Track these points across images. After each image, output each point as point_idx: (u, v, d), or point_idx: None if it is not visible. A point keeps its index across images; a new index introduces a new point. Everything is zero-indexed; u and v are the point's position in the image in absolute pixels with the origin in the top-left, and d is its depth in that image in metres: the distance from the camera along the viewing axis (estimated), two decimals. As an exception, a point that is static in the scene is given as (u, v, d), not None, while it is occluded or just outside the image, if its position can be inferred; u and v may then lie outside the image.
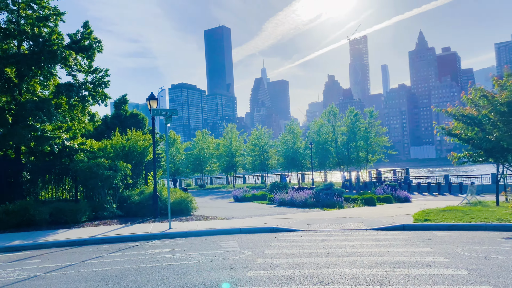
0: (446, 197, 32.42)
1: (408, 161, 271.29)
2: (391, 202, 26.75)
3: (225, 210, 23.48)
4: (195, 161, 63.71)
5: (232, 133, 60.74)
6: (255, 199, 30.51)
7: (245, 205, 27.12)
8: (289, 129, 56.69)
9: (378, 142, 52.51)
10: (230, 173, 61.84)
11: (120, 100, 50.88)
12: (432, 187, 38.70)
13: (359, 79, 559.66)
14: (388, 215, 17.63)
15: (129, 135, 23.08)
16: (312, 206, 23.10)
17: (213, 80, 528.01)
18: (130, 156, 22.19)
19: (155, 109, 15.32)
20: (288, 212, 20.14)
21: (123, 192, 20.46)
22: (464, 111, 16.33)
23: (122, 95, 50.88)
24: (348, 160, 52.08)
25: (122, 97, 50.72)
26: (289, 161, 54.66)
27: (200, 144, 64.26)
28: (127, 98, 51.12)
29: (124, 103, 50.88)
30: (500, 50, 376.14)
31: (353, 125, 52.27)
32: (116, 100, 51.10)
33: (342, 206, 22.57)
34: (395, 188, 29.68)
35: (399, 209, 20.91)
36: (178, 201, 19.63)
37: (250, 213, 20.31)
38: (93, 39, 22.10)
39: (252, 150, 58.28)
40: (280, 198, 25.69)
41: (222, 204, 29.30)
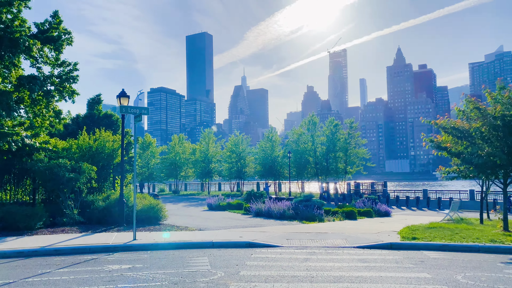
0: (425, 212, 31.81)
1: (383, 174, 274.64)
2: (372, 216, 25.87)
3: (198, 219, 21.99)
4: (170, 166, 61.77)
5: (209, 139, 59.18)
6: (230, 208, 29.11)
7: (219, 214, 25.68)
8: (268, 137, 55.53)
9: (357, 154, 51.99)
10: (205, 179, 60.15)
11: (94, 99, 48.64)
12: (410, 202, 38.17)
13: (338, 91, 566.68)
14: (372, 231, 16.55)
15: (97, 135, 21.36)
16: (291, 218, 21.87)
17: (193, 85, 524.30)
18: (97, 157, 20.47)
19: (124, 106, 13.83)
20: (265, 224, 18.83)
21: (86, 197, 18.74)
22: (454, 123, 15.49)
23: (96, 94, 48.67)
24: (327, 171, 51.26)
25: (96, 96, 48.50)
26: (266, 170, 53.43)
27: (176, 148, 62.39)
28: (101, 98, 48.89)
29: (98, 103, 48.64)
30: (473, 70, 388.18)
31: (332, 136, 51.57)
32: (90, 100, 48.84)
33: (322, 219, 21.42)
34: (375, 202, 28.86)
35: (381, 224, 19.93)
36: (147, 209, 18.04)
37: (224, 224, 18.90)
38: (62, 30, 20.38)
39: (229, 156, 56.81)
40: (257, 208, 24.37)
41: (195, 212, 27.75)
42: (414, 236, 14.09)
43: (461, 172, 15.70)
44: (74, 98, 21.34)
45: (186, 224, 18.87)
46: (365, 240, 13.89)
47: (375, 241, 13.63)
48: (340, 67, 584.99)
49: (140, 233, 14.88)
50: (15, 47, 17.62)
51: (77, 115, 47.07)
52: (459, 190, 38.74)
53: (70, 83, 20.71)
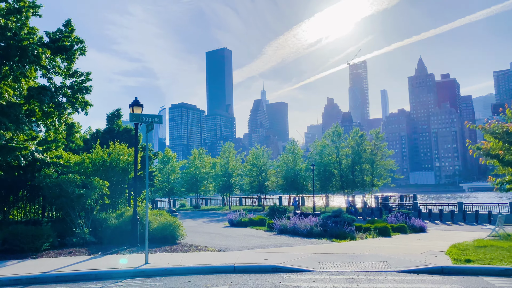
0: (463, 227, 29.38)
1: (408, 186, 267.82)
2: (406, 232, 23.83)
3: (218, 237, 20.40)
4: (190, 181, 60.59)
5: (229, 152, 57.82)
6: (253, 225, 27.42)
7: (241, 231, 24.03)
8: (290, 149, 53.70)
9: (384, 166, 49.60)
10: (226, 194, 58.64)
11: (114, 114, 48.10)
12: (444, 215, 35.65)
13: (359, 103, 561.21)
14: (413, 250, 14.61)
15: (111, 147, 20.16)
16: (319, 235, 20.05)
17: (213, 100, 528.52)
18: (111, 172, 19.23)
19: (134, 114, 12.50)
20: (292, 243, 17.08)
21: (98, 215, 17.44)
22: (507, 127, 13.57)
23: (116, 109, 48.09)
24: (353, 184, 48.96)
25: (115, 111, 47.95)
26: (288, 183, 51.48)
27: (196, 162, 61.25)
28: (121, 112, 48.25)
29: (118, 117, 48.05)
30: (499, 78, 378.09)
31: (358, 147, 49.37)
32: (109, 114, 48.44)
33: (354, 237, 19.51)
34: (409, 216, 26.67)
35: (420, 242, 17.92)
36: (162, 227, 16.58)
37: (246, 243, 17.25)
38: (74, 39, 19.48)
39: (250, 170, 55.20)
40: (281, 224, 22.63)
41: (215, 229, 26.18)
42: (468, 258, 12.12)
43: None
44: (88, 109, 20.28)
45: (205, 243, 17.32)
46: (409, 262, 12.00)
47: (422, 264, 11.73)
48: (360, 79, 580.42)
49: (153, 255, 13.39)
50: (23, 56, 16.67)
51: (97, 130, 46.56)
52: (498, 202, 36.03)
53: (83, 93, 19.67)
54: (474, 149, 15.05)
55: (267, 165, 55.53)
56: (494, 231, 20.54)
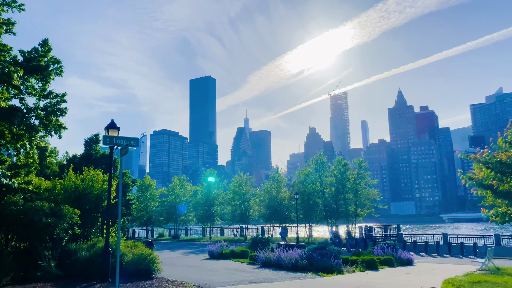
0: (450, 260, 28.73)
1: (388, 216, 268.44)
2: (393, 265, 23.03)
3: (198, 271, 19.15)
4: (170, 209, 58.72)
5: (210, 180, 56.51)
6: (234, 257, 26.16)
7: (222, 264, 22.78)
8: (273, 177, 52.79)
9: (367, 195, 49.12)
10: (207, 224, 56.87)
11: (92, 139, 46.71)
12: (430, 247, 35.04)
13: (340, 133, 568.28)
14: (406, 286, 13.75)
15: (85, 173, 18.95)
16: (304, 269, 19.02)
17: (196, 127, 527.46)
18: (83, 199, 17.98)
19: (108, 136, 11.53)
20: (276, 278, 16.01)
21: (68, 245, 16.07)
22: (500, 157, 13.12)
23: (94, 134, 46.72)
24: (337, 213, 48.17)
25: (93, 136, 46.61)
26: (272, 212, 50.28)
27: (176, 190, 59.59)
28: (99, 137, 46.85)
29: (96, 142, 46.66)
30: (475, 111, 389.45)
31: (341, 176, 48.91)
32: (87, 139, 47.00)
33: (341, 270, 18.55)
34: (395, 249, 25.92)
35: (410, 277, 17.08)
36: (137, 260, 15.33)
37: (228, 278, 16.09)
38: (51, 59, 18.62)
39: (232, 198, 53.85)
40: (265, 257, 21.51)
41: (195, 261, 24.82)
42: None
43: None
44: (62, 132, 19.17)
45: (183, 277, 16.08)
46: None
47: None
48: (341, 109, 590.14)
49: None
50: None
51: (74, 156, 44.92)
52: (483, 234, 35.66)
53: (57, 115, 18.61)
54: (466, 179, 14.52)
55: (250, 193, 54.36)
56: (484, 264, 19.87)
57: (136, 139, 11.62)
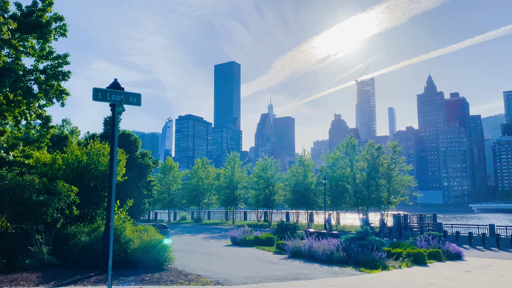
0: (500, 254, 25.46)
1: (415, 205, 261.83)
2: (442, 259, 19.99)
3: (218, 260, 16.64)
4: (192, 192, 56.77)
5: (234, 163, 54.00)
6: (259, 244, 23.63)
7: (245, 252, 20.25)
8: (300, 161, 49.70)
9: (401, 182, 45.56)
10: (230, 207, 54.66)
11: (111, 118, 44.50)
12: (474, 239, 31.59)
13: (365, 120, 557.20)
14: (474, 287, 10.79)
15: (90, 146, 16.56)
16: (341, 262, 16.23)
17: (220, 113, 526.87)
18: (87, 176, 15.63)
19: (98, 90, 8.79)
20: (311, 274, 13.27)
21: (66, 229, 13.76)
22: None
23: (114, 112, 44.54)
24: (368, 200, 44.89)
25: (113, 115, 44.42)
26: (297, 198, 47.41)
27: (199, 173, 57.50)
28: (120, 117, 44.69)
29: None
30: (509, 99, 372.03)
31: (374, 160, 45.40)
32: (106, 118, 45.20)
33: (386, 266, 15.65)
34: (442, 240, 22.74)
35: (474, 277, 14.03)
36: (144, 248, 12.87)
37: (252, 272, 13.47)
38: (53, 16, 16.18)
39: (256, 182, 51.28)
40: (294, 246, 18.81)
41: (215, 248, 22.39)
42: None
43: None
44: (65, 100, 16.83)
45: (199, 269, 13.57)
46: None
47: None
48: (367, 96, 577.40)
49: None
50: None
51: (93, 135, 43.20)
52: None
53: (59, 80, 16.26)
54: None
55: (275, 177, 51.61)
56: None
57: (137, 95, 9.00)
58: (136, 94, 8.97)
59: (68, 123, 48.60)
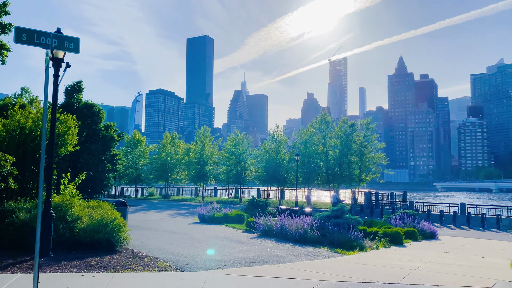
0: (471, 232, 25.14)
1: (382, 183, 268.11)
2: (417, 238, 19.28)
3: (182, 239, 15.16)
4: (160, 167, 54.71)
5: (205, 138, 52.10)
6: (228, 221, 22.32)
7: (213, 230, 18.86)
8: (273, 136, 48.38)
9: (373, 159, 45.17)
10: (200, 183, 53.06)
11: (73, 87, 41.77)
12: (445, 217, 31.50)
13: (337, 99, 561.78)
14: (468, 274, 9.77)
15: (36, 111, 14.45)
16: (315, 242, 15.09)
17: (192, 88, 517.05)
18: (30, 144, 13.59)
19: (22, 29, 6.87)
20: (284, 256, 11.99)
21: (2, 204, 11.84)
22: None
23: (76, 81, 41.79)
24: (340, 177, 44.30)
25: (75, 83, 41.70)
26: (269, 174, 46.30)
27: (167, 147, 55.35)
28: (82, 85, 41.99)
29: (78, 91, 41.81)
30: (475, 82, 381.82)
31: (347, 138, 44.65)
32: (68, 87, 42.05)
33: (362, 245, 14.60)
34: (417, 219, 22.09)
35: (456, 258, 13.17)
36: (94, 227, 11.19)
37: (219, 253, 12.05)
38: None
39: (227, 158, 49.76)
40: (265, 225, 17.55)
41: (181, 226, 20.89)
42: None
43: None
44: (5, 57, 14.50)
45: (159, 250, 12.04)
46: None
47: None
48: (340, 75, 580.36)
49: (61, 277, 8.03)
50: None
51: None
52: (507, 206, 32.01)
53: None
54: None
55: (247, 153, 50.19)
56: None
57: (75, 39, 7.15)
58: (74, 38, 7.13)
59: (27, 92, 45.11)
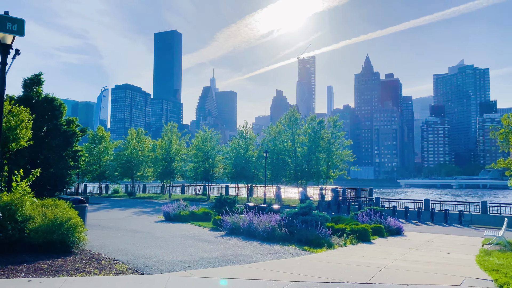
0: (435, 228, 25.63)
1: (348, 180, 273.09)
2: (384, 235, 19.38)
3: (145, 239, 14.49)
4: (125, 164, 53.21)
5: (172, 134, 51.04)
6: (194, 219, 21.79)
7: (178, 228, 18.26)
8: (242, 133, 47.97)
9: (340, 156, 45.61)
10: (166, 181, 51.99)
11: (32, 80, 39.70)
12: (410, 213, 32.10)
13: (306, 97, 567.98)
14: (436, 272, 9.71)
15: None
16: (283, 240, 14.81)
17: (160, 84, 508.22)
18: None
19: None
20: (251, 255, 11.60)
21: None
22: None
23: (35, 73, 39.74)
24: (308, 174, 44.48)
25: (35, 76, 39.64)
26: (238, 171, 45.88)
27: (133, 144, 53.88)
28: (42, 78, 40.02)
29: (38, 84, 39.77)
30: (437, 82, 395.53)
31: (315, 134, 44.86)
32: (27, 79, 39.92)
33: (330, 243, 14.44)
34: (383, 215, 22.27)
35: (423, 254, 13.22)
36: (47, 227, 10.39)
37: (182, 254, 11.51)
38: None
39: (195, 155, 48.95)
40: (232, 222, 17.12)
41: (145, 224, 20.15)
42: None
43: None
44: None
45: (119, 251, 11.38)
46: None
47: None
48: (308, 74, 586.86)
49: (5, 285, 7.31)
50: None
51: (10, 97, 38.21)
52: (468, 201, 32.97)
53: None
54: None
55: (215, 150, 49.57)
56: (499, 238, 16.34)
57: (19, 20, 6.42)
58: (18, 20, 6.40)
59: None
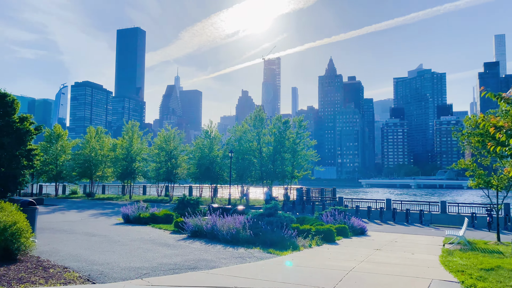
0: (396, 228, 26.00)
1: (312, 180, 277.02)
2: (348, 235, 19.38)
3: (100, 244, 13.59)
4: (84, 164, 50.98)
5: (133, 133, 49.33)
6: (155, 222, 20.94)
7: (138, 231, 17.40)
8: (206, 133, 47.05)
9: (305, 156, 45.73)
10: (127, 181, 50.25)
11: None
12: (373, 213, 32.52)
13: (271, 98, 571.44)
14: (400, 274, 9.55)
15: None
16: (248, 242, 14.36)
17: (122, 82, 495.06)
18: None
19: None
20: (213, 259, 11.05)
21: None
22: None
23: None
24: (273, 174, 44.24)
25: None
26: (202, 171, 44.96)
27: (92, 143, 51.73)
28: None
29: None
30: (397, 85, 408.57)
31: (280, 134, 44.72)
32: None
33: (296, 245, 14.14)
34: (347, 215, 22.31)
35: (387, 255, 13.15)
36: (-12, 233, 9.43)
37: (140, 259, 10.79)
38: None
39: (157, 155, 47.58)
40: (195, 225, 16.48)
41: (102, 227, 19.12)
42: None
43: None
44: None
45: (72, 257, 10.53)
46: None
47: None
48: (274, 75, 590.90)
49: None
50: None
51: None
52: (428, 201, 33.78)
53: None
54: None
55: (178, 150, 48.35)
56: (460, 237, 16.62)
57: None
58: None
59: None
